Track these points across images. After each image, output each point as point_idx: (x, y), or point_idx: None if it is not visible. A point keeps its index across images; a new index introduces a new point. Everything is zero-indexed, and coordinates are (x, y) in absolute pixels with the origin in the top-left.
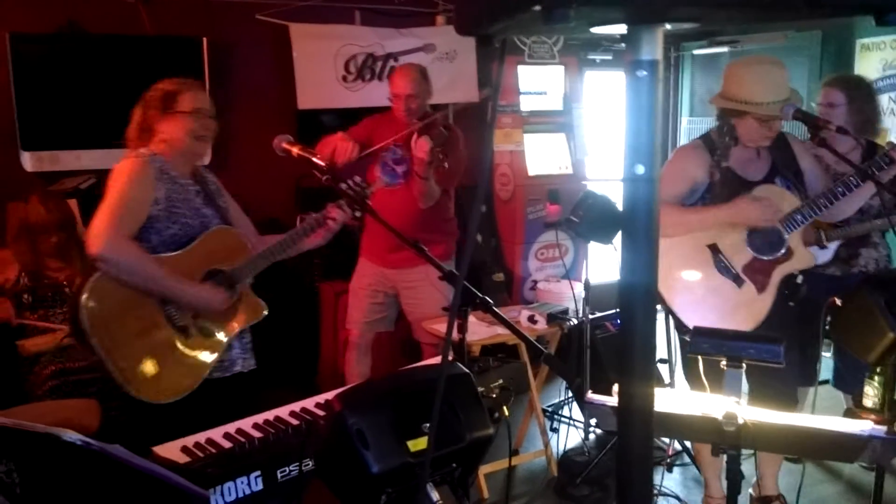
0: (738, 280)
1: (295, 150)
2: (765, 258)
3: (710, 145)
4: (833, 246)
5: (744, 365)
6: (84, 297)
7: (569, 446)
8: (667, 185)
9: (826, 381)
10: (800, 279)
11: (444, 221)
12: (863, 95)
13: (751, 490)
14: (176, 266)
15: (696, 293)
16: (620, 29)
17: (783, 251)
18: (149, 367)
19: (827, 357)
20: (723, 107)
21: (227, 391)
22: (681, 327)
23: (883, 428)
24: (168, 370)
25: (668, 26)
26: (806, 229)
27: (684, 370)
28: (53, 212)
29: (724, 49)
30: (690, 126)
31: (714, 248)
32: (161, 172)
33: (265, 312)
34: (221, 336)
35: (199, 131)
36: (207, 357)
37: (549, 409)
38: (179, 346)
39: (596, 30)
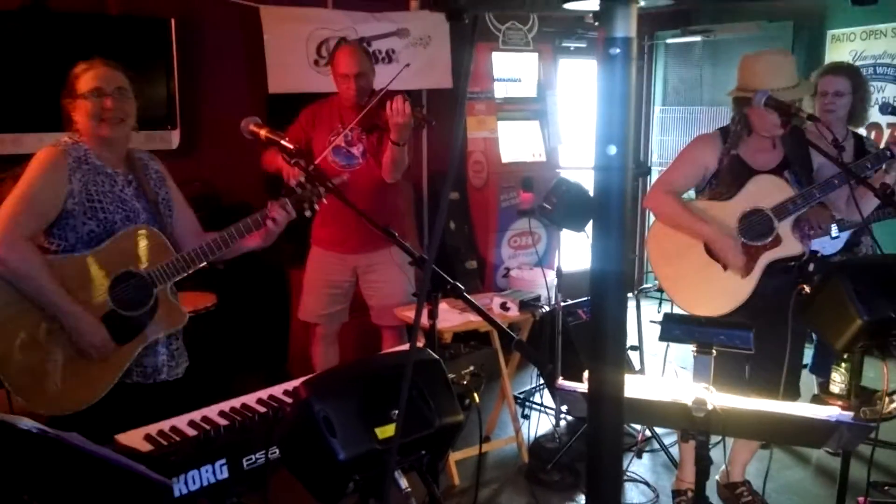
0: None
1: (263, 133)
2: (753, 244)
3: (726, 134)
4: (844, 235)
5: (714, 351)
6: None
7: (540, 433)
8: (678, 172)
9: (804, 366)
10: (811, 267)
11: (400, 201)
12: (864, 84)
13: (717, 476)
14: (85, 266)
15: (685, 274)
16: (593, 5)
17: (771, 238)
18: (40, 379)
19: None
20: (736, 96)
21: (148, 399)
22: None
23: (850, 414)
24: (65, 382)
25: (642, 3)
26: (823, 215)
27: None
28: None
29: (698, 38)
30: (663, 115)
31: None
32: (80, 162)
33: (185, 321)
34: (133, 344)
35: (101, 113)
36: (115, 366)
37: (521, 396)
38: (78, 356)
39: (569, 5)
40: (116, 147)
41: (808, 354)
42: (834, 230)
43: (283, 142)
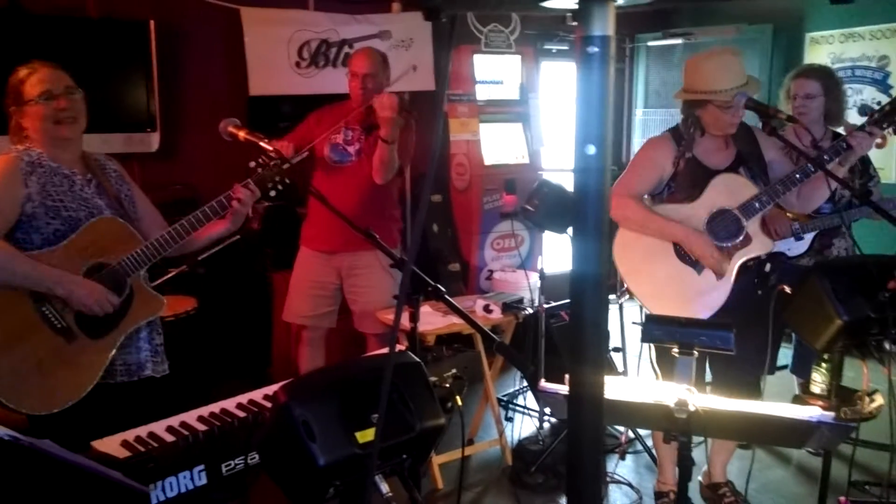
0: (697, 266)
1: (241, 135)
2: (724, 244)
3: (678, 137)
4: (808, 237)
5: (695, 352)
6: None
7: (523, 435)
8: (635, 176)
9: (784, 367)
10: (768, 267)
11: (392, 207)
12: (836, 85)
13: (700, 477)
14: (52, 261)
15: (658, 280)
16: (571, 3)
17: (741, 238)
18: (24, 377)
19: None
20: (685, 99)
21: (134, 397)
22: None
23: (831, 414)
24: (49, 379)
25: (620, 1)
26: (781, 220)
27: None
28: None
29: (679, 41)
30: (645, 117)
31: None
32: (35, 165)
33: (163, 307)
34: (113, 336)
35: (53, 115)
36: (97, 361)
37: (504, 399)
38: (61, 350)
39: (547, 3)
40: (71, 147)
41: (788, 355)
42: (800, 231)
43: (262, 143)
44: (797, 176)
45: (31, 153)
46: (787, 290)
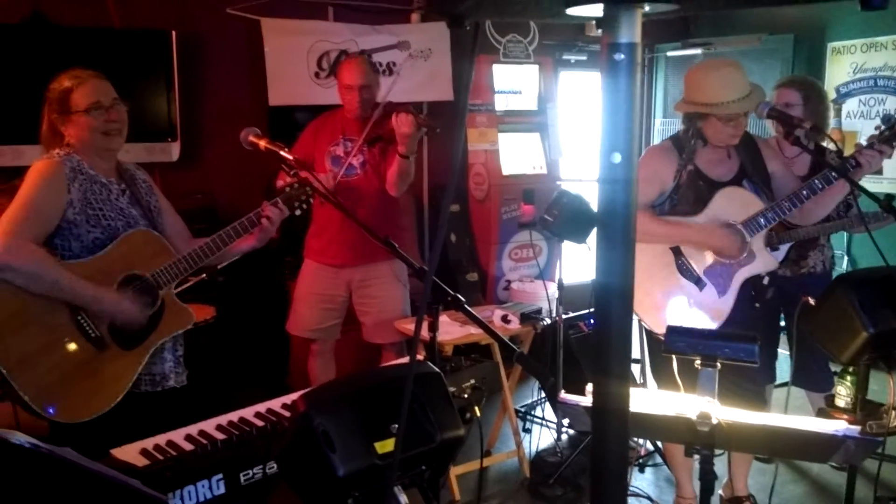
0: (699, 283)
1: (262, 144)
2: (726, 261)
3: (679, 146)
4: (784, 248)
5: (718, 364)
6: None
7: (541, 447)
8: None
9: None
10: (766, 280)
11: (402, 217)
12: (817, 96)
13: (721, 491)
14: (88, 272)
15: (658, 295)
16: (597, 11)
17: (745, 254)
18: (57, 384)
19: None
20: (686, 111)
21: (157, 407)
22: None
23: (857, 428)
24: (80, 387)
25: (646, 8)
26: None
27: (652, 368)
28: None
29: (698, 51)
30: (664, 127)
31: (677, 251)
32: (76, 172)
33: (193, 321)
34: (143, 348)
35: (103, 127)
36: (127, 371)
37: (522, 410)
38: (93, 359)
39: (573, 11)
40: (111, 157)
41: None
42: (775, 241)
43: (282, 152)
44: (804, 193)
45: (72, 159)
46: (812, 302)
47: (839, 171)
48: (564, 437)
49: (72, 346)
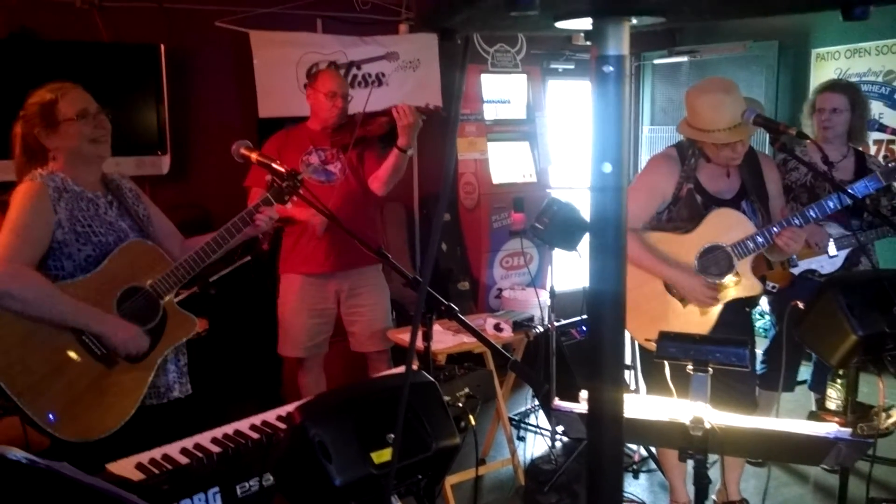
0: (683, 300)
1: (254, 156)
2: (711, 280)
3: (682, 154)
4: (843, 254)
5: (710, 369)
6: None
7: (536, 454)
8: (635, 204)
9: (803, 382)
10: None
11: (374, 212)
12: (862, 101)
13: (714, 496)
14: (87, 290)
15: (642, 309)
16: (585, 24)
17: (731, 276)
18: (67, 406)
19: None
20: (684, 134)
21: (163, 419)
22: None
23: (848, 430)
24: (93, 406)
25: (634, 21)
26: (819, 232)
27: (644, 374)
28: None
29: (685, 58)
30: (651, 135)
31: None
32: (61, 191)
33: (196, 328)
34: (151, 360)
35: (92, 134)
36: (137, 386)
37: (516, 418)
38: (103, 378)
39: (561, 24)
40: (95, 169)
41: (806, 372)
42: (832, 248)
43: (274, 165)
44: (796, 221)
45: (55, 178)
46: (801, 305)
47: (832, 183)
48: (559, 444)
49: (80, 367)
